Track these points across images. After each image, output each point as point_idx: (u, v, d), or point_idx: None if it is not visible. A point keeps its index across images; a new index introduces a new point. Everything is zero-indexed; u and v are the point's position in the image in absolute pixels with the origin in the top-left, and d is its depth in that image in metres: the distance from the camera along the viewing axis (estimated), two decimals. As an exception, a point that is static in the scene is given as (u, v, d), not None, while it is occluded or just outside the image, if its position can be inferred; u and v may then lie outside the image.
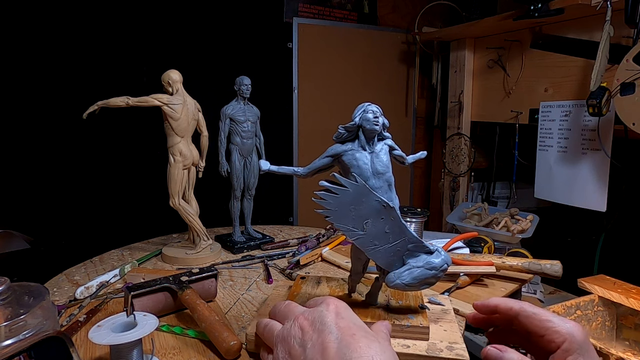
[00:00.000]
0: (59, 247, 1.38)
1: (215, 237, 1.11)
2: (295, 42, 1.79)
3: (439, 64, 2.05)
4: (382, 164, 0.55)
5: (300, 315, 0.40)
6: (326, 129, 1.90)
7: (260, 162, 0.56)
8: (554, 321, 0.40)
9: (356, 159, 0.54)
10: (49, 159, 1.38)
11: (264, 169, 0.55)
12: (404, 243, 0.54)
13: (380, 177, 0.54)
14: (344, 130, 0.55)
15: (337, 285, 0.69)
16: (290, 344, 0.38)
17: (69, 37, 1.37)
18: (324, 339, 0.36)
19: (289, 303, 0.46)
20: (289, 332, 0.39)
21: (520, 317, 0.42)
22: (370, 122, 0.54)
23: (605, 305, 0.99)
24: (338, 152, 0.56)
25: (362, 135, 0.55)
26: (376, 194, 0.52)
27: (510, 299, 0.44)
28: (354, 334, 0.36)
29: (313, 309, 0.41)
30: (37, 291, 0.55)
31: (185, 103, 0.94)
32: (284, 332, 0.40)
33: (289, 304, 0.46)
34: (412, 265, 0.55)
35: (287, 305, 0.45)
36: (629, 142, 1.23)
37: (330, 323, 0.38)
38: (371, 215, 0.52)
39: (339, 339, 0.36)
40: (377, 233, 0.53)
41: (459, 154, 1.88)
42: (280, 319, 0.44)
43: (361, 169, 0.54)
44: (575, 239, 1.62)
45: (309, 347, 0.36)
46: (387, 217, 0.53)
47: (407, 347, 0.55)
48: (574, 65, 1.38)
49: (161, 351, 0.60)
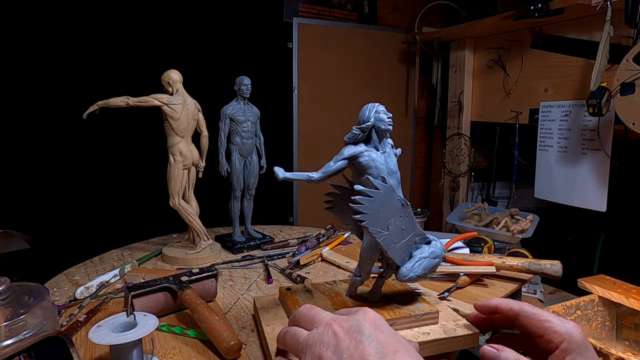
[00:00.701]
0: (59, 247, 1.38)
1: (215, 237, 1.11)
2: (295, 42, 1.79)
3: (439, 64, 2.05)
4: (394, 163, 0.56)
5: (333, 321, 0.38)
6: (326, 129, 1.90)
7: (276, 169, 0.53)
8: (552, 321, 0.40)
9: (373, 159, 0.55)
10: (49, 159, 1.38)
11: (280, 177, 0.53)
12: (413, 237, 0.57)
13: (393, 176, 0.56)
14: (359, 131, 0.55)
15: (331, 289, 0.66)
16: (321, 350, 0.36)
17: (69, 37, 1.37)
18: (364, 350, 0.35)
19: (312, 307, 0.43)
20: (321, 338, 0.37)
21: (520, 318, 0.42)
22: (385, 122, 0.55)
23: (605, 305, 0.99)
24: (356, 154, 0.55)
25: (375, 136, 0.56)
26: (397, 193, 0.54)
27: (510, 300, 0.44)
28: (397, 350, 0.35)
29: (348, 316, 0.39)
30: (37, 291, 0.55)
31: (185, 103, 0.94)
32: (313, 338, 0.38)
33: (312, 307, 0.43)
34: (419, 257, 0.56)
35: (310, 309, 0.42)
36: (629, 142, 1.23)
37: (370, 334, 0.36)
38: (394, 214, 0.54)
39: (380, 353, 0.34)
40: (396, 231, 0.55)
41: (459, 154, 1.88)
42: (305, 324, 0.41)
43: (379, 170, 0.55)
44: (575, 239, 1.62)
45: (346, 357, 0.35)
46: (404, 215, 0.55)
47: (428, 334, 0.57)
48: (574, 65, 1.38)
49: (161, 351, 0.60)
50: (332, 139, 1.91)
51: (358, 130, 0.55)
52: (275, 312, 0.63)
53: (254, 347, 0.61)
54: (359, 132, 0.55)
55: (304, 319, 0.42)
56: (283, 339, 0.42)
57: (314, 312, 0.42)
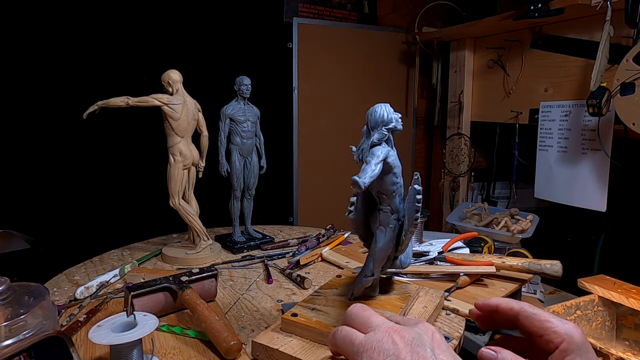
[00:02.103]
0: (59, 247, 1.38)
1: (215, 237, 1.11)
2: (295, 42, 1.79)
3: (439, 64, 2.05)
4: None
5: (392, 329, 0.38)
6: (326, 129, 1.90)
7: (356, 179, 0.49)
8: (552, 322, 0.40)
9: (396, 158, 0.56)
10: (49, 159, 1.38)
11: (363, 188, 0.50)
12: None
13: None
14: (387, 132, 0.55)
15: (335, 300, 0.64)
16: (379, 357, 0.36)
17: (69, 37, 1.37)
18: None
19: (364, 307, 0.43)
20: (379, 345, 0.37)
21: (520, 317, 0.42)
22: (400, 122, 0.55)
23: (605, 305, 0.99)
24: (387, 154, 0.54)
25: (391, 136, 0.56)
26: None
27: (511, 299, 0.44)
28: None
29: (408, 327, 0.39)
30: (37, 291, 0.55)
31: (185, 103, 0.94)
32: (371, 343, 0.38)
33: (364, 308, 0.43)
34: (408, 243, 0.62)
35: (363, 309, 0.42)
36: (629, 142, 1.23)
37: (432, 350, 0.36)
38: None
39: None
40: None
41: (459, 154, 1.88)
42: (358, 325, 0.41)
43: (399, 168, 0.57)
44: (575, 239, 1.61)
45: None
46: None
47: (449, 315, 0.68)
48: (574, 65, 1.38)
49: (161, 351, 0.60)
50: (332, 139, 1.92)
51: (386, 131, 0.54)
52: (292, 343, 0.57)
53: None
54: (387, 133, 0.55)
55: (356, 319, 0.42)
56: (334, 338, 0.42)
57: (367, 313, 0.41)
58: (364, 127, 0.55)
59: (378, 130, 0.54)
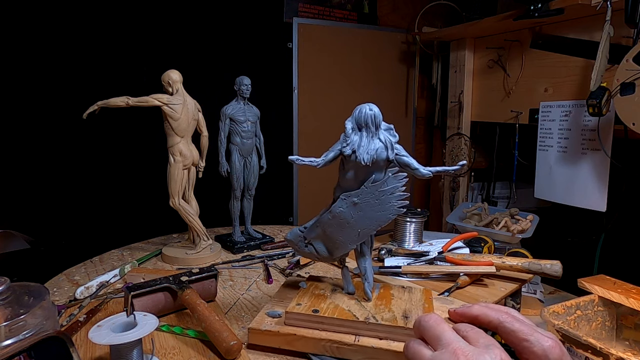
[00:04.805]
0: (59, 247, 1.38)
1: (215, 237, 1.11)
2: (295, 42, 1.79)
3: (439, 64, 2.05)
4: None
5: (460, 351, 0.38)
6: (326, 129, 1.90)
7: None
8: (530, 340, 0.40)
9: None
10: (49, 159, 1.38)
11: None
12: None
13: None
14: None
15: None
16: None
17: (69, 37, 1.37)
18: None
19: (439, 321, 0.43)
20: None
21: (499, 332, 0.42)
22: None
23: (605, 305, 0.99)
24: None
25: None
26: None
27: (491, 311, 0.44)
28: None
29: (478, 351, 0.38)
30: (37, 291, 0.55)
31: (185, 103, 0.94)
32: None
33: (439, 322, 0.42)
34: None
35: (438, 323, 0.42)
36: (629, 142, 1.23)
37: None
38: None
39: None
40: None
41: (459, 154, 1.87)
42: (430, 338, 0.42)
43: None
44: (575, 239, 1.61)
45: None
46: None
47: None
48: (574, 65, 1.38)
49: (161, 351, 0.60)
50: (332, 139, 1.91)
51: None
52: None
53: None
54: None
55: (429, 331, 0.42)
56: (407, 351, 0.42)
57: (440, 328, 0.41)
58: (349, 125, 0.60)
59: (381, 127, 0.59)
